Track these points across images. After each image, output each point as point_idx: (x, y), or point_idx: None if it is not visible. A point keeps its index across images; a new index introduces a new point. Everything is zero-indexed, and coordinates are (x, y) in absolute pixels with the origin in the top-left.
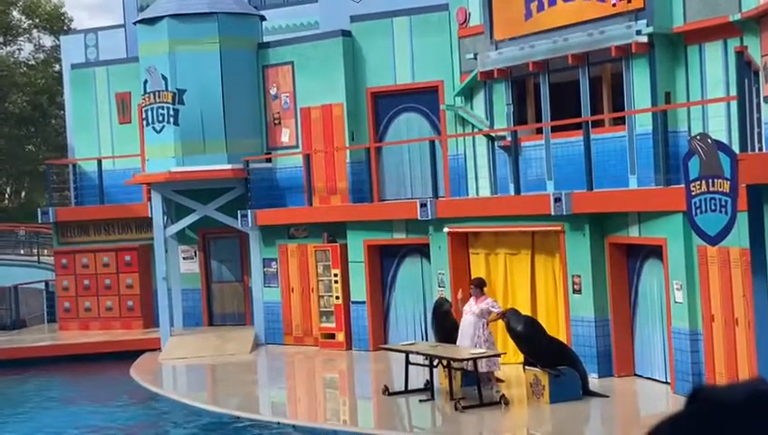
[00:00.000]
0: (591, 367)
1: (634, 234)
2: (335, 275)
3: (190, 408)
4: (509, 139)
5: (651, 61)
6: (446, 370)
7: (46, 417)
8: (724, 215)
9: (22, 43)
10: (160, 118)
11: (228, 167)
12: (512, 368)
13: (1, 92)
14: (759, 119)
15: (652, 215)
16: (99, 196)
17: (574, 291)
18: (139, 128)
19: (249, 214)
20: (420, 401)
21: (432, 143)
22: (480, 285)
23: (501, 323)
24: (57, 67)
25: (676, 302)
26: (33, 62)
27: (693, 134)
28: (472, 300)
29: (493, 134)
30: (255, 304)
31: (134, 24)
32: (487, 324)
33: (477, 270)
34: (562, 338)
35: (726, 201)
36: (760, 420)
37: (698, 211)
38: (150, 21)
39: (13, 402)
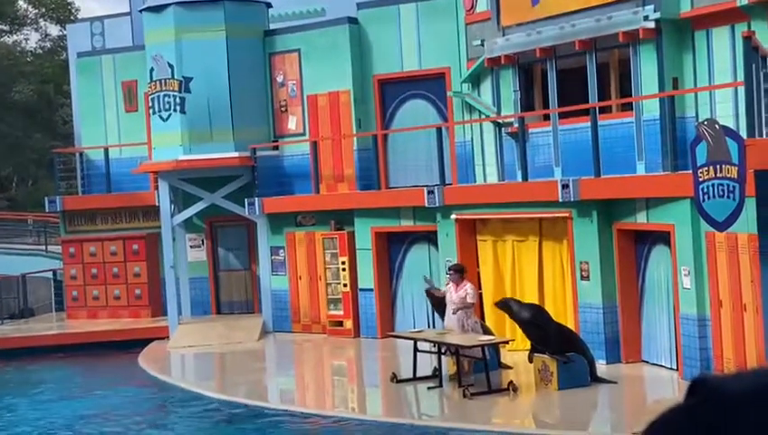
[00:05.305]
0: (599, 353)
1: (642, 220)
2: (343, 263)
3: (198, 396)
4: (516, 125)
5: (658, 46)
6: (455, 357)
7: (54, 405)
8: (731, 200)
9: (28, 32)
10: (167, 106)
11: (235, 155)
12: (520, 354)
13: (7, 82)
14: (767, 104)
15: (660, 201)
16: (106, 184)
17: (582, 277)
18: (146, 116)
19: (256, 202)
20: (428, 388)
21: (439, 130)
22: (460, 271)
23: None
24: (63, 56)
25: (684, 288)
26: (39, 52)
27: (700, 120)
28: (452, 287)
29: (500, 121)
30: (263, 292)
31: (140, 11)
32: (473, 312)
33: (485, 257)
34: (570, 325)
35: (734, 187)
36: None
37: (706, 197)
38: (156, 9)
39: (21, 391)
